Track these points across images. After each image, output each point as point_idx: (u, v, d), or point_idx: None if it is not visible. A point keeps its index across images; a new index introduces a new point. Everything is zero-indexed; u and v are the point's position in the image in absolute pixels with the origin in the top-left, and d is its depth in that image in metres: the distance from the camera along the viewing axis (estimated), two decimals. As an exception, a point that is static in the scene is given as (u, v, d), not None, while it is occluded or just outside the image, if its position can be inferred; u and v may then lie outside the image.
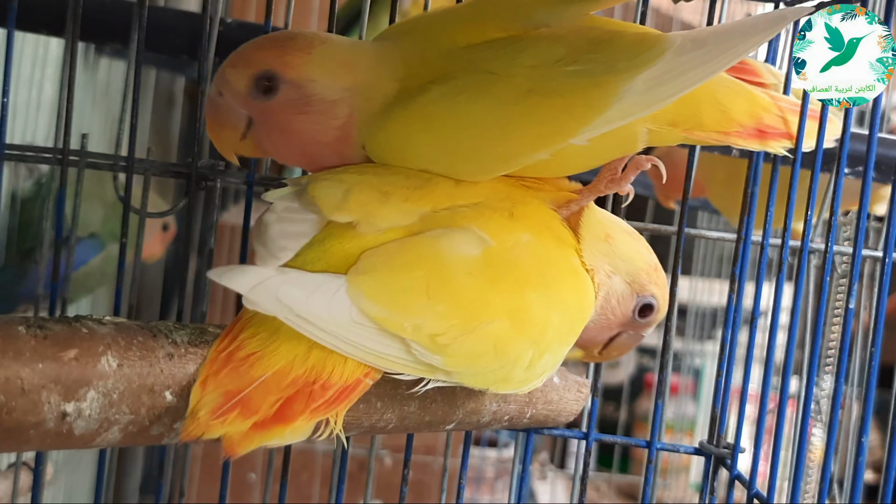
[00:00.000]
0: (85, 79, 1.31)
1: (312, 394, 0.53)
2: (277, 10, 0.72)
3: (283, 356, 0.54)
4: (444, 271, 0.56)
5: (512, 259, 0.58)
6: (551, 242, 0.60)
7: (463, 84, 0.58)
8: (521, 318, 0.57)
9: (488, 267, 0.57)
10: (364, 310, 0.54)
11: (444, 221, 0.58)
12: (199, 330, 0.56)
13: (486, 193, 0.60)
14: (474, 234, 0.57)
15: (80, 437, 0.51)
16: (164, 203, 0.96)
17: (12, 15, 0.68)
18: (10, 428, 0.49)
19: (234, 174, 0.72)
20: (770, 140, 0.64)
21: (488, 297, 0.56)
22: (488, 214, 0.59)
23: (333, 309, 0.53)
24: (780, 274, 0.70)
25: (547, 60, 0.58)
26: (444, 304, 0.55)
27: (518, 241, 0.58)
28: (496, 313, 0.56)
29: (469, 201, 0.59)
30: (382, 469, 1.55)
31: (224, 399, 0.52)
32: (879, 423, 1.70)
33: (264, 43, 0.61)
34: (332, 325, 0.53)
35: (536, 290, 0.58)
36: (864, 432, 0.67)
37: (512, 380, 0.58)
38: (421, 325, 0.54)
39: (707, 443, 0.75)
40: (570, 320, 0.60)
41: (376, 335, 0.54)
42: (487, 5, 0.62)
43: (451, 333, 0.55)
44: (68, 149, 0.70)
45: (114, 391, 0.51)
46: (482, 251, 0.57)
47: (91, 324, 0.53)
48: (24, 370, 0.49)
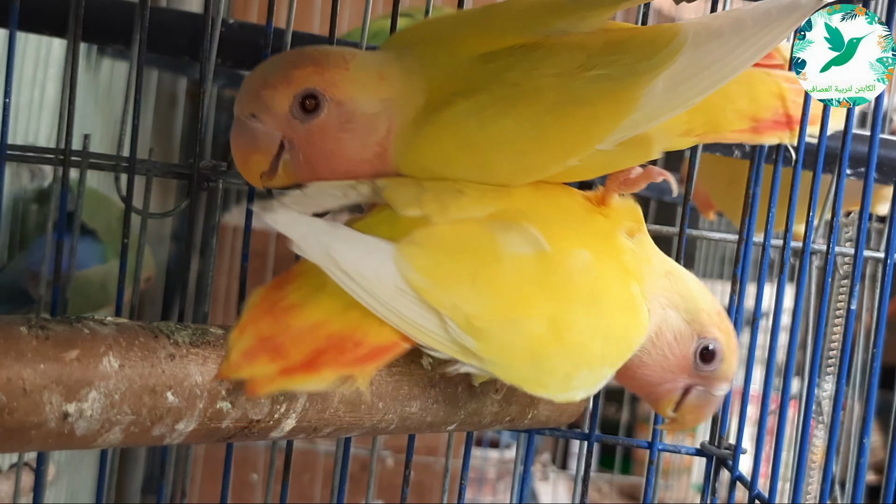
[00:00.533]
0: (87, 79, 1.31)
1: (344, 349, 0.54)
2: (279, 11, 0.72)
3: (321, 310, 0.55)
4: (494, 261, 0.56)
5: (565, 270, 0.57)
6: (612, 268, 0.59)
7: (490, 98, 0.58)
8: (562, 329, 0.57)
9: (539, 270, 0.57)
10: (409, 279, 0.54)
11: (509, 218, 0.58)
12: (200, 330, 0.56)
13: (560, 202, 0.61)
14: (532, 236, 0.57)
15: (82, 438, 0.51)
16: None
17: (14, 15, 0.68)
18: (12, 428, 0.49)
19: (236, 175, 0.72)
20: (786, 129, 0.65)
21: (531, 298, 0.56)
22: (554, 222, 0.59)
23: (380, 272, 0.54)
24: (782, 275, 0.70)
25: (569, 67, 0.58)
26: (486, 291, 0.55)
27: (576, 256, 0.58)
28: (536, 315, 0.56)
29: (541, 208, 0.59)
30: (384, 470, 1.55)
31: (257, 343, 0.54)
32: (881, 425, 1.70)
33: (299, 60, 0.59)
34: (375, 287, 0.54)
35: (584, 308, 0.57)
36: (866, 433, 0.67)
37: (548, 386, 0.58)
38: (460, 305, 0.55)
39: (709, 444, 0.75)
40: (615, 344, 0.59)
41: (416, 306, 0.54)
42: (503, 16, 0.61)
43: (487, 318, 0.55)
44: (70, 149, 0.70)
45: (115, 392, 0.51)
46: (536, 253, 0.57)
47: (93, 324, 0.53)
48: (26, 371, 0.49)
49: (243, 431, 0.56)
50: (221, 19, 0.75)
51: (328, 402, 0.58)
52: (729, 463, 0.73)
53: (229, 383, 0.54)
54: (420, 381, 0.61)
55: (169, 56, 0.83)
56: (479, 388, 0.63)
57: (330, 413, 0.58)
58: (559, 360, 0.57)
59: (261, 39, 0.74)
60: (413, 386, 0.61)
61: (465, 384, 0.62)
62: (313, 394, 0.57)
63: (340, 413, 0.59)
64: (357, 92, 0.58)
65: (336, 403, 0.58)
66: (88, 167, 0.71)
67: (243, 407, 0.55)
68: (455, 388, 0.62)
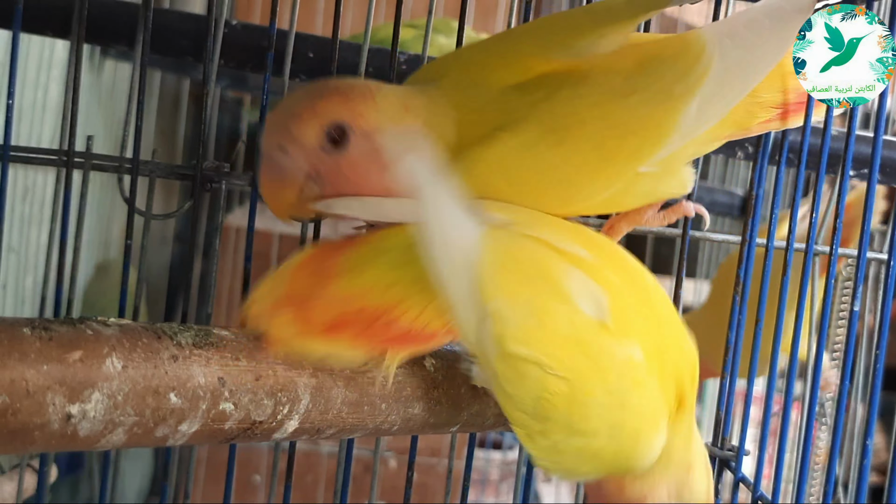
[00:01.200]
0: (90, 81, 1.32)
1: (372, 324, 0.54)
2: (282, 12, 0.72)
3: (362, 283, 0.55)
4: (556, 302, 0.55)
5: (610, 350, 0.55)
6: (651, 380, 0.57)
7: (536, 134, 0.57)
8: (575, 400, 0.55)
9: (587, 335, 0.55)
10: (475, 264, 0.53)
11: (588, 271, 0.56)
12: (203, 331, 0.56)
13: (638, 282, 0.59)
14: (601, 304, 0.55)
15: (85, 439, 0.51)
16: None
17: (18, 17, 0.68)
18: (15, 429, 0.49)
19: (239, 176, 0.72)
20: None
21: (565, 355, 0.54)
22: (627, 302, 0.57)
23: (458, 243, 0.53)
24: (785, 276, 0.70)
25: (608, 94, 0.58)
26: (533, 322, 0.54)
27: (627, 347, 0.56)
28: (561, 372, 0.54)
29: (623, 283, 0.58)
30: (387, 471, 1.55)
31: (286, 298, 0.55)
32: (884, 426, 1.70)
33: (325, 92, 0.58)
34: (446, 250, 0.53)
35: (607, 397, 0.55)
36: (869, 435, 0.67)
37: (535, 443, 0.56)
38: (506, 317, 0.54)
39: (711, 445, 0.75)
40: (616, 447, 0.57)
41: (467, 290, 0.53)
42: (524, 42, 0.61)
43: (518, 345, 0.54)
44: (73, 150, 0.70)
45: (118, 393, 0.51)
46: (595, 320, 0.55)
47: (96, 325, 0.53)
48: (29, 372, 0.49)
49: (246, 432, 0.56)
50: (224, 20, 0.75)
51: (331, 403, 0.58)
52: (732, 464, 0.73)
53: (233, 384, 0.54)
54: (423, 383, 0.61)
55: (172, 57, 0.83)
56: (481, 389, 0.63)
57: (333, 414, 0.58)
58: (557, 425, 0.55)
59: (264, 41, 0.74)
60: (416, 387, 0.61)
61: (468, 385, 0.62)
62: (316, 395, 0.57)
63: (343, 414, 0.59)
64: (385, 124, 0.58)
65: (339, 404, 0.58)
66: (92, 168, 0.71)
67: (246, 408, 0.55)
68: (458, 389, 0.62)
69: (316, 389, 0.57)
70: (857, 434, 1.21)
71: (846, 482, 1.18)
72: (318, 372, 0.57)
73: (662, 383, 0.57)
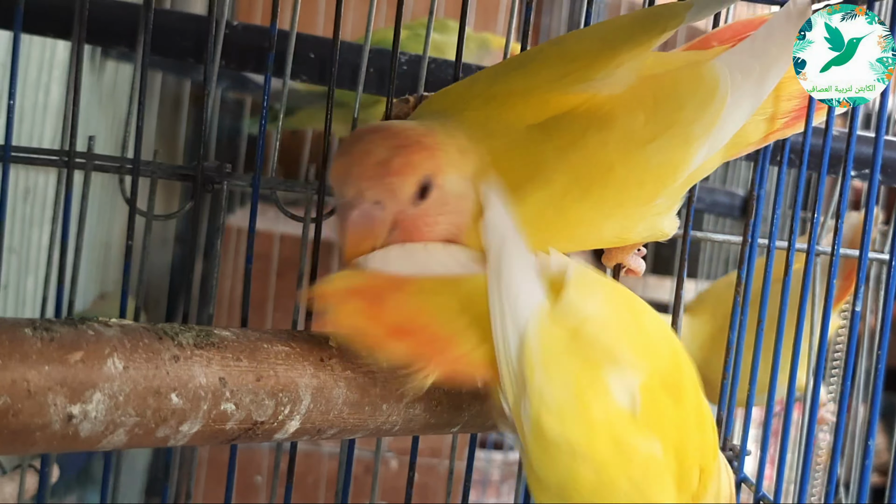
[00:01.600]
0: (91, 82, 1.32)
1: (430, 342, 0.55)
2: (283, 13, 0.72)
3: (434, 304, 0.56)
4: (593, 388, 0.55)
5: (631, 441, 0.55)
6: (668, 479, 0.57)
7: (564, 185, 0.58)
8: (590, 483, 0.55)
9: (616, 423, 0.55)
10: (531, 336, 0.54)
11: (625, 365, 0.56)
12: (205, 332, 0.56)
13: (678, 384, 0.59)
14: (635, 400, 0.55)
15: (86, 440, 0.51)
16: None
17: (19, 17, 0.68)
18: (17, 430, 0.49)
19: (241, 177, 0.72)
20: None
21: (590, 439, 0.54)
22: (657, 397, 0.57)
23: (521, 304, 0.54)
24: (787, 277, 0.70)
25: (631, 140, 0.59)
26: (570, 406, 0.54)
27: (649, 441, 0.56)
28: (585, 454, 0.54)
29: (660, 374, 0.58)
30: (388, 472, 1.55)
31: (363, 289, 0.56)
32: (885, 427, 1.70)
33: (412, 144, 0.58)
34: (510, 303, 0.54)
35: (623, 488, 0.55)
36: (871, 435, 0.67)
37: (539, 497, 0.57)
38: (543, 396, 0.54)
39: (713, 446, 0.75)
40: None
41: (515, 355, 0.54)
42: (541, 74, 0.61)
43: (550, 422, 0.54)
44: (74, 151, 0.70)
45: (119, 393, 0.51)
46: (626, 409, 0.55)
47: (97, 326, 0.53)
48: (31, 372, 0.49)
49: (247, 433, 0.56)
50: (225, 21, 0.75)
51: (332, 403, 0.58)
52: (734, 464, 0.73)
53: (234, 384, 0.54)
54: (424, 383, 0.61)
55: (173, 58, 0.84)
56: (482, 390, 0.63)
57: (334, 415, 0.58)
58: (545, 497, 0.56)
59: (265, 42, 0.74)
60: (417, 388, 0.61)
61: (469, 386, 0.62)
62: (317, 395, 0.57)
63: (344, 415, 0.59)
64: (452, 172, 0.58)
65: (340, 405, 0.58)
66: (93, 169, 0.71)
67: (247, 408, 0.55)
68: (459, 390, 0.62)
69: (317, 390, 0.57)
70: (858, 434, 1.20)
71: (848, 482, 1.18)
72: (320, 372, 0.57)
73: (682, 472, 0.57)
